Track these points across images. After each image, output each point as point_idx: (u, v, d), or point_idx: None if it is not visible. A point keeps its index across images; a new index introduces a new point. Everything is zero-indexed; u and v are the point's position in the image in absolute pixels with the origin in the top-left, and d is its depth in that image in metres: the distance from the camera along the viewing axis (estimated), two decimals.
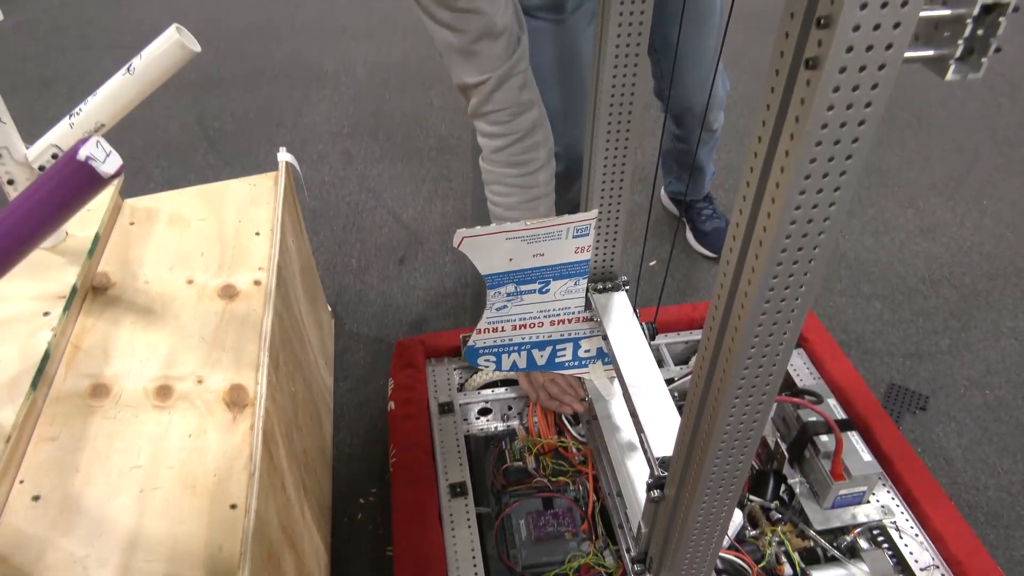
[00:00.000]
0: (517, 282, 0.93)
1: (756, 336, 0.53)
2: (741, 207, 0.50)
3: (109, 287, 0.94)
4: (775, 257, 0.48)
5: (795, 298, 0.52)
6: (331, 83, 2.28)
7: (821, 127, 0.41)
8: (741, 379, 0.57)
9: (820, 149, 0.42)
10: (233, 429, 0.81)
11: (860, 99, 0.40)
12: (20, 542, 0.67)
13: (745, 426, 0.61)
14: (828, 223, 0.47)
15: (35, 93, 2.21)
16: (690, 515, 0.71)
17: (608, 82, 0.83)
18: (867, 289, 1.55)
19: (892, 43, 0.38)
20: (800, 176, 0.44)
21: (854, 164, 0.43)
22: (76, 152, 0.55)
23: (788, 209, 0.45)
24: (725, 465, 0.65)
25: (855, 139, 0.42)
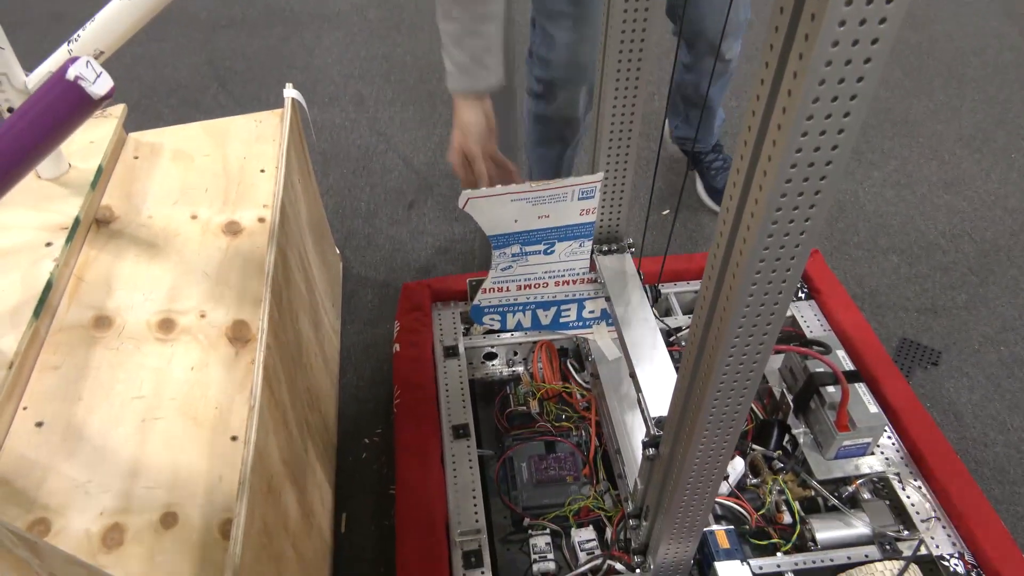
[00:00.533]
0: (522, 243, 0.91)
1: (754, 284, 0.52)
2: (742, 152, 0.48)
3: (112, 220, 0.94)
4: (775, 202, 0.46)
5: (795, 244, 0.50)
6: (343, 25, 2.23)
7: (831, 44, 0.39)
8: (739, 325, 0.55)
9: (829, 70, 0.40)
10: (235, 364, 0.81)
11: (874, 12, 0.38)
12: (23, 467, 0.69)
13: (742, 375, 0.60)
14: (830, 167, 0.45)
15: (44, 27, 2.19)
16: (685, 466, 0.70)
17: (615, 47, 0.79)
18: (884, 243, 1.51)
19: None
20: (808, 100, 0.41)
21: (857, 106, 0.41)
22: (65, 72, 0.53)
23: (789, 152, 0.43)
24: (722, 413, 0.64)
25: (860, 78, 0.40)
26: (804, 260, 0.51)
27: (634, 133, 0.89)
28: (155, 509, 0.67)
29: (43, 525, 0.65)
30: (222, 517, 0.68)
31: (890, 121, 1.84)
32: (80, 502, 0.67)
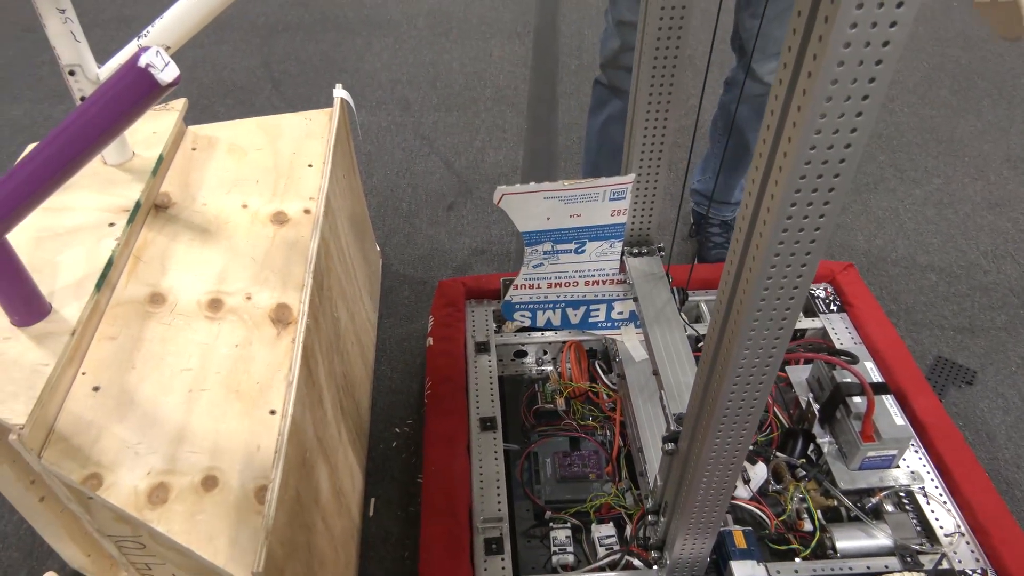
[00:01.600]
0: (554, 241, 0.94)
1: (769, 278, 0.54)
2: (761, 150, 0.51)
3: (170, 205, 1.00)
4: (789, 198, 0.49)
5: (809, 240, 0.52)
6: (394, 32, 2.30)
7: (843, 46, 0.41)
8: (755, 318, 0.57)
9: (841, 70, 0.42)
10: (277, 343, 0.86)
11: (884, 17, 0.40)
12: (80, 426, 0.74)
13: (755, 375, 0.62)
14: (844, 164, 0.47)
15: (114, 29, 2.31)
16: (701, 461, 0.72)
17: (651, 44, 0.82)
18: (923, 260, 1.50)
19: None
20: (821, 98, 0.44)
21: (877, 89, 0.43)
22: (137, 59, 0.58)
23: (804, 149, 0.46)
24: (737, 409, 0.65)
25: (878, 61, 0.42)
26: (816, 262, 0.53)
27: (667, 137, 0.91)
28: (197, 472, 0.72)
29: (96, 479, 0.69)
30: (258, 483, 0.72)
31: (935, 139, 1.82)
32: (130, 461, 0.71)
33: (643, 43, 0.83)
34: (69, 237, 0.88)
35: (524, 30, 2.29)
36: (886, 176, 1.72)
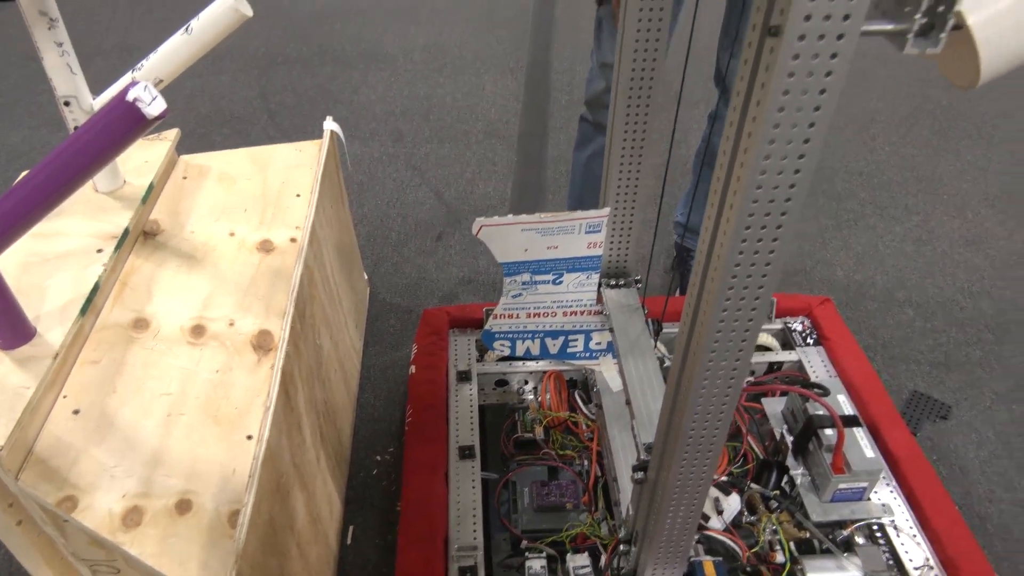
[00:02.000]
0: (532, 272, 0.97)
1: (728, 299, 0.56)
2: (715, 187, 0.53)
3: (158, 233, 1.02)
4: (744, 221, 0.51)
5: (764, 263, 0.54)
6: (390, 66, 2.35)
7: (783, 93, 0.44)
8: (712, 350, 0.59)
9: (782, 115, 0.45)
10: (257, 369, 0.87)
11: (820, 67, 0.43)
12: (59, 449, 0.75)
13: (716, 404, 0.64)
14: (792, 196, 0.49)
15: (115, 58, 2.36)
16: (667, 490, 0.73)
17: (626, 86, 0.85)
18: (901, 296, 1.53)
19: (849, 14, 0.41)
20: (764, 140, 0.46)
21: (816, 132, 0.46)
22: (126, 94, 0.61)
23: (753, 177, 0.48)
24: (699, 438, 0.67)
25: (816, 107, 0.45)
26: (771, 289, 0.56)
27: (642, 172, 0.94)
28: (172, 495, 0.73)
29: (71, 502, 0.71)
30: (232, 508, 0.73)
31: (915, 178, 1.86)
32: (106, 484, 0.73)
33: (618, 85, 0.86)
34: (58, 262, 0.90)
35: (517, 66, 2.35)
36: (867, 212, 1.76)
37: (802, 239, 1.68)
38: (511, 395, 1.25)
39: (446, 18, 2.64)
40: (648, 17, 0.79)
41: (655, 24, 0.80)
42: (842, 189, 1.83)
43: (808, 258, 1.63)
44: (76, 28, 2.75)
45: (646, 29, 0.81)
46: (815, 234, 1.70)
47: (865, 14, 0.41)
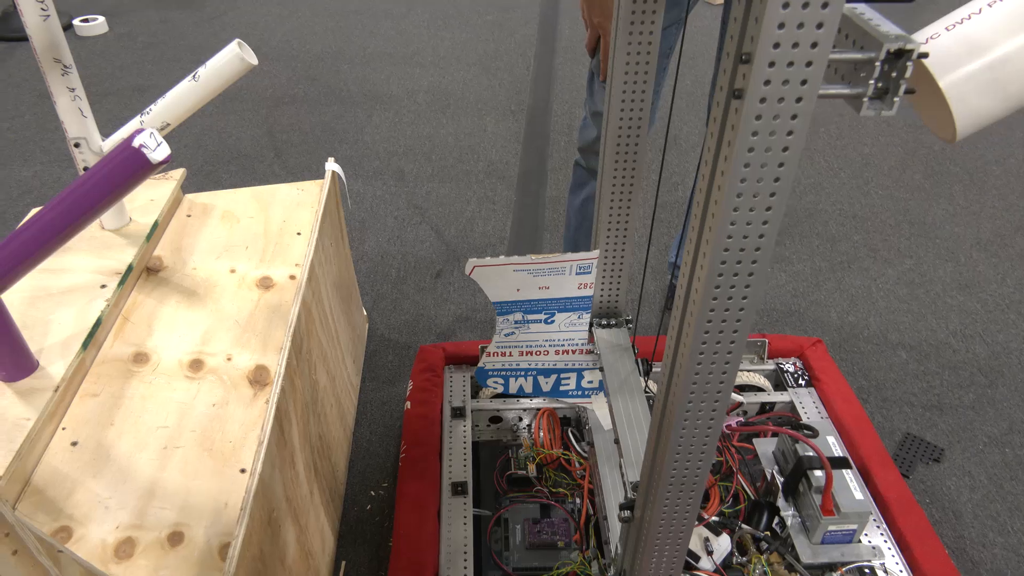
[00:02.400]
0: (524, 311, 0.99)
1: (704, 343, 0.58)
2: (695, 224, 0.56)
3: (161, 269, 1.05)
4: (717, 269, 0.53)
5: (738, 311, 0.56)
6: (394, 107, 2.41)
7: (747, 151, 0.47)
8: (691, 392, 0.61)
9: (748, 171, 0.48)
10: (253, 404, 0.89)
11: (781, 127, 0.46)
12: (56, 479, 0.77)
13: (697, 441, 0.65)
14: (761, 245, 0.51)
15: (127, 98, 2.42)
16: (651, 528, 0.74)
17: (614, 134, 0.89)
18: (894, 338, 1.54)
19: (807, 79, 0.44)
20: (732, 194, 0.49)
21: (781, 187, 0.48)
22: (132, 140, 0.64)
23: (724, 227, 0.50)
24: (682, 477, 0.69)
25: (780, 163, 0.47)
26: (746, 330, 0.58)
27: (632, 214, 0.97)
28: (164, 527, 0.74)
29: (65, 532, 0.72)
30: (223, 541, 0.74)
31: (908, 222, 1.89)
32: (100, 515, 0.74)
33: (607, 133, 0.90)
34: (62, 297, 0.93)
35: (518, 108, 2.40)
36: (860, 255, 1.78)
37: (796, 280, 1.70)
38: (505, 432, 1.26)
39: (450, 62, 2.71)
40: (635, 71, 0.82)
41: (641, 77, 0.83)
42: (836, 231, 1.86)
43: (802, 299, 1.65)
44: (92, 68, 2.83)
45: (632, 82, 0.84)
46: (809, 275, 1.72)
47: (822, 79, 0.44)
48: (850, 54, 0.45)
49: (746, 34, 0.44)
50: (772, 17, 0.41)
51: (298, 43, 2.85)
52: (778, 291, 1.67)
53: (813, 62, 0.43)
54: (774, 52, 0.42)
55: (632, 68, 0.82)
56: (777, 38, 0.42)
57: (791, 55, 0.43)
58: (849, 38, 0.47)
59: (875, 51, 0.43)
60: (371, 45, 2.84)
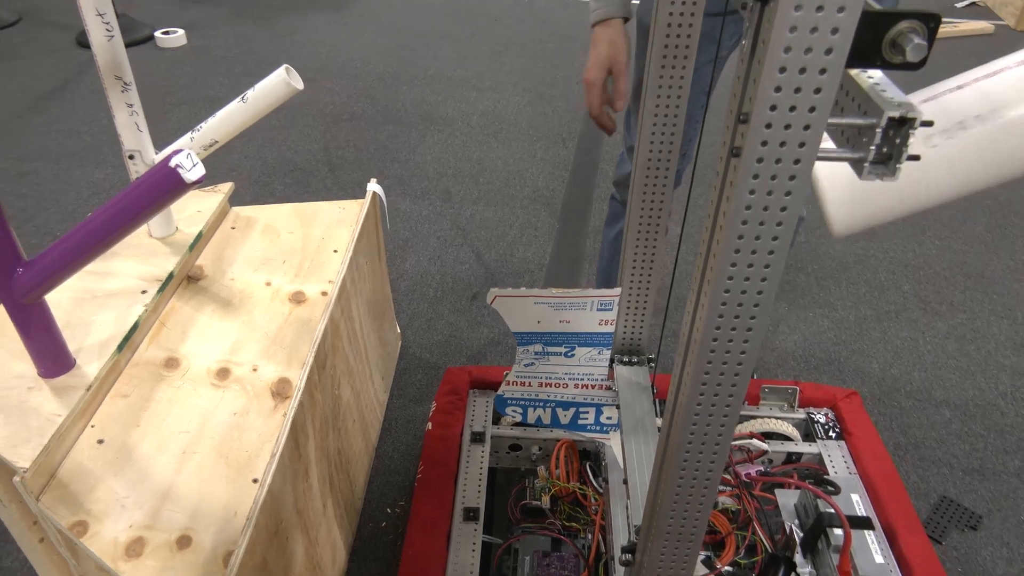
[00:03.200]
0: (545, 343, 1.00)
1: (704, 384, 0.57)
2: (696, 275, 0.56)
3: (201, 278, 1.10)
4: (714, 322, 0.53)
5: (738, 357, 0.55)
6: (448, 128, 2.46)
7: (745, 208, 0.46)
8: (688, 440, 0.60)
9: (746, 228, 0.47)
10: (272, 415, 0.92)
11: (779, 187, 0.45)
12: (80, 474, 0.80)
13: (696, 491, 0.64)
14: (759, 302, 0.51)
15: (199, 108, 2.54)
16: None
17: (642, 171, 0.89)
18: (939, 395, 1.48)
19: (805, 142, 0.43)
20: (730, 250, 0.48)
21: (779, 246, 0.48)
22: (169, 160, 0.68)
23: (721, 281, 0.50)
24: (679, 526, 0.68)
25: (778, 223, 0.47)
26: (743, 387, 0.57)
27: (658, 253, 0.96)
28: (175, 530, 0.77)
29: (82, 527, 0.75)
30: (227, 548, 0.76)
31: (964, 274, 1.82)
32: (116, 513, 0.77)
33: (636, 169, 0.90)
34: (105, 300, 0.98)
35: (569, 136, 2.42)
36: (909, 306, 1.72)
37: (839, 327, 1.66)
38: (524, 460, 1.26)
39: (507, 87, 2.75)
40: (665, 107, 0.83)
41: (672, 112, 0.83)
42: (885, 280, 1.80)
43: (843, 347, 1.60)
44: (169, 78, 2.97)
45: (663, 116, 0.84)
46: (853, 323, 1.67)
47: (820, 142, 0.43)
48: (851, 119, 0.44)
49: (745, 95, 0.44)
50: (769, 80, 0.41)
51: (361, 63, 2.94)
52: (818, 337, 1.63)
53: (811, 126, 0.43)
54: (771, 114, 0.42)
55: (663, 104, 0.82)
56: (774, 100, 0.42)
57: (788, 118, 0.42)
58: (855, 101, 0.47)
59: (876, 117, 0.43)
60: (431, 67, 2.91)
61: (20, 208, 2.00)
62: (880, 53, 0.42)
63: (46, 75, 2.78)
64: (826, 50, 0.40)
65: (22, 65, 2.85)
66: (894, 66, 0.42)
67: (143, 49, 3.01)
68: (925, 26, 0.41)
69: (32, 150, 2.29)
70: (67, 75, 2.78)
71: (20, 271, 0.77)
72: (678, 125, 0.84)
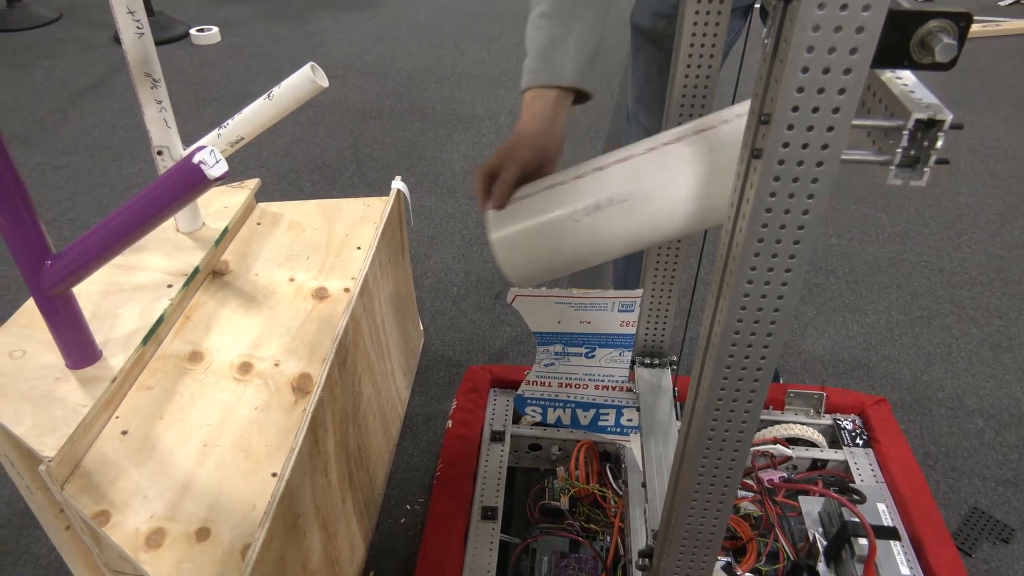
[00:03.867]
0: (565, 343, 0.99)
1: (722, 389, 0.56)
2: (715, 278, 0.54)
3: (226, 272, 1.11)
4: (733, 326, 0.52)
5: (757, 363, 0.54)
6: (475, 126, 2.46)
7: (765, 211, 0.45)
8: (708, 439, 0.59)
9: (766, 231, 0.46)
10: (293, 410, 0.93)
11: (801, 190, 0.44)
12: (103, 465, 0.82)
13: (713, 498, 0.63)
14: (779, 307, 0.50)
15: (230, 105, 2.57)
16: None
17: None
18: (972, 403, 1.44)
19: (828, 144, 0.42)
20: (749, 253, 0.47)
21: (800, 251, 0.47)
22: (192, 156, 0.68)
23: (740, 285, 0.49)
24: (696, 532, 0.67)
25: (800, 226, 0.46)
26: (762, 397, 0.56)
27: (680, 255, 0.95)
28: (194, 522, 0.78)
29: (104, 516, 0.77)
30: (245, 542, 0.77)
31: (1001, 280, 1.77)
32: (138, 504, 0.79)
33: None
34: (132, 293, 0.99)
35: (596, 135, 2.40)
36: (943, 311, 1.68)
37: (869, 332, 1.62)
38: (544, 460, 1.25)
39: None
40: (690, 114, 0.81)
41: (699, 100, 0.82)
42: (919, 284, 1.76)
43: (873, 353, 1.57)
44: (202, 74, 3.01)
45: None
46: (884, 328, 1.63)
47: (845, 144, 0.42)
48: (877, 121, 0.43)
49: (767, 95, 0.43)
50: (791, 80, 0.40)
51: (391, 60, 2.95)
52: (848, 342, 1.59)
53: (835, 127, 0.41)
54: (793, 115, 0.41)
55: (688, 103, 0.81)
56: (796, 101, 0.41)
57: (811, 119, 0.41)
58: (882, 102, 0.45)
59: (903, 119, 0.41)
60: (460, 65, 2.91)
61: (56, 201, 2.05)
62: (908, 53, 0.41)
63: (83, 71, 2.84)
64: (851, 50, 0.39)
65: (61, 62, 2.92)
66: (922, 67, 0.41)
67: (178, 46, 3.06)
68: (955, 25, 0.39)
69: (69, 144, 2.34)
70: (104, 71, 2.84)
71: (48, 264, 0.79)
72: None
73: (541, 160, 0.73)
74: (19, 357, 0.88)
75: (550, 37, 0.74)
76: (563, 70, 0.74)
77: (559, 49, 0.74)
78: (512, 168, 0.70)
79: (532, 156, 0.72)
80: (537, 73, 0.74)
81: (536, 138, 0.73)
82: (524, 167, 0.71)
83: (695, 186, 0.63)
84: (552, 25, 0.74)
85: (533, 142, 0.72)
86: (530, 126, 0.73)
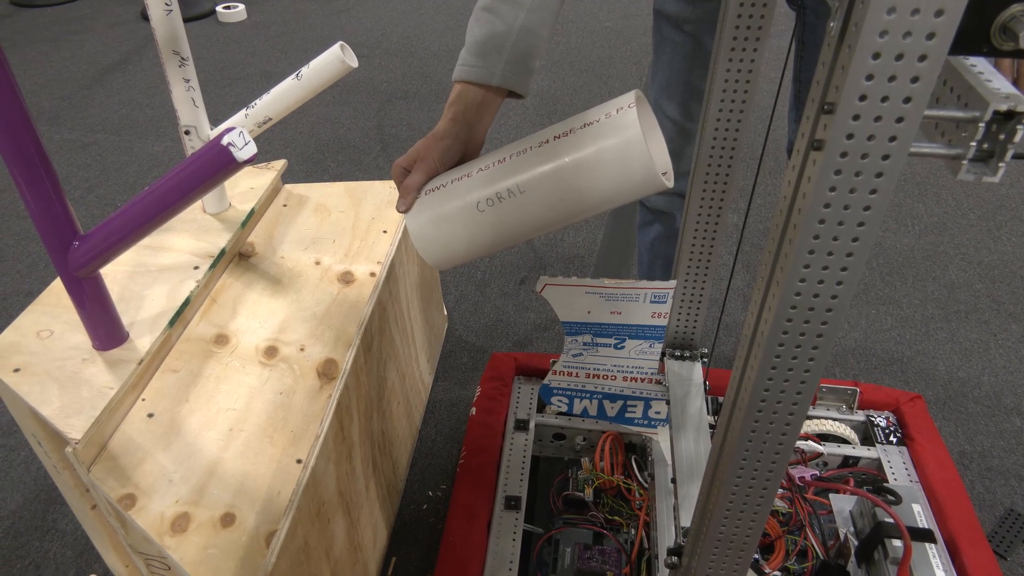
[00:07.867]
0: (594, 334, 0.97)
1: (766, 390, 0.54)
2: (761, 274, 0.52)
3: (252, 255, 1.10)
4: (781, 326, 0.49)
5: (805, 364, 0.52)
6: (501, 107, 2.42)
7: (823, 206, 0.43)
8: (748, 440, 0.57)
9: (823, 228, 0.44)
10: (318, 396, 0.92)
11: (864, 185, 0.41)
12: (129, 448, 0.82)
13: (751, 498, 0.61)
14: (832, 307, 0.47)
15: (256, 83, 2.56)
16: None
17: (704, 160, 0.85)
18: (1010, 402, 1.40)
19: (896, 136, 0.39)
20: (804, 250, 0.45)
21: (859, 248, 0.44)
22: (221, 138, 0.67)
23: (792, 284, 0.47)
24: (732, 533, 0.65)
25: (860, 223, 0.43)
26: (808, 397, 0.53)
27: (716, 245, 0.92)
28: (219, 508, 0.78)
29: (130, 499, 0.76)
30: (270, 528, 0.77)
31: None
32: (163, 488, 0.78)
33: (697, 158, 0.86)
34: (158, 274, 0.99)
35: None
36: (981, 306, 1.63)
37: (903, 326, 1.58)
38: (567, 450, 1.24)
39: (563, 67, 2.70)
40: (732, 99, 0.78)
41: (738, 103, 0.79)
42: (956, 278, 1.71)
43: (908, 347, 1.53)
44: (228, 52, 3.01)
45: (729, 105, 0.80)
46: (919, 322, 1.59)
47: (914, 136, 0.39)
48: (950, 111, 0.40)
49: (831, 83, 0.40)
50: (860, 67, 0.37)
51: (417, 40, 2.92)
52: (881, 336, 1.55)
53: (905, 118, 0.39)
54: (860, 104, 0.38)
55: (731, 87, 0.78)
56: (864, 90, 0.38)
57: (879, 109, 0.38)
58: (954, 92, 0.42)
59: (980, 110, 0.39)
60: None
61: (83, 179, 2.05)
62: (988, 39, 0.38)
63: (111, 48, 2.84)
64: (928, 35, 0.36)
65: (89, 38, 2.93)
66: (1004, 53, 0.38)
67: (205, 24, 3.05)
68: None
69: (96, 121, 2.34)
70: (131, 48, 2.84)
71: (76, 244, 0.78)
72: (745, 112, 0.80)
73: (454, 164, 0.74)
74: (47, 337, 0.88)
75: (488, 32, 0.72)
76: (495, 69, 0.72)
77: (495, 46, 0.71)
78: (419, 174, 0.71)
79: (444, 161, 0.72)
80: (469, 68, 0.72)
81: (454, 141, 0.72)
82: (433, 173, 0.72)
83: (574, 180, 0.65)
84: (492, 20, 0.72)
85: (448, 147, 0.72)
86: (450, 129, 0.73)
